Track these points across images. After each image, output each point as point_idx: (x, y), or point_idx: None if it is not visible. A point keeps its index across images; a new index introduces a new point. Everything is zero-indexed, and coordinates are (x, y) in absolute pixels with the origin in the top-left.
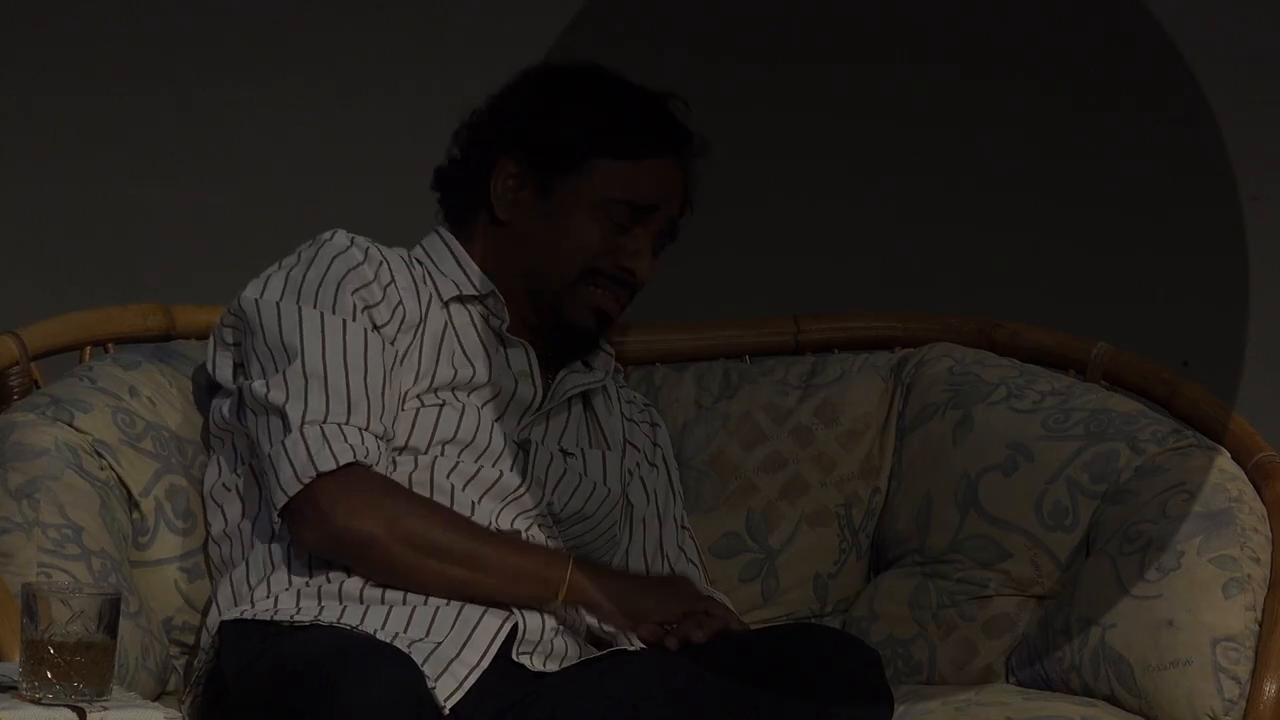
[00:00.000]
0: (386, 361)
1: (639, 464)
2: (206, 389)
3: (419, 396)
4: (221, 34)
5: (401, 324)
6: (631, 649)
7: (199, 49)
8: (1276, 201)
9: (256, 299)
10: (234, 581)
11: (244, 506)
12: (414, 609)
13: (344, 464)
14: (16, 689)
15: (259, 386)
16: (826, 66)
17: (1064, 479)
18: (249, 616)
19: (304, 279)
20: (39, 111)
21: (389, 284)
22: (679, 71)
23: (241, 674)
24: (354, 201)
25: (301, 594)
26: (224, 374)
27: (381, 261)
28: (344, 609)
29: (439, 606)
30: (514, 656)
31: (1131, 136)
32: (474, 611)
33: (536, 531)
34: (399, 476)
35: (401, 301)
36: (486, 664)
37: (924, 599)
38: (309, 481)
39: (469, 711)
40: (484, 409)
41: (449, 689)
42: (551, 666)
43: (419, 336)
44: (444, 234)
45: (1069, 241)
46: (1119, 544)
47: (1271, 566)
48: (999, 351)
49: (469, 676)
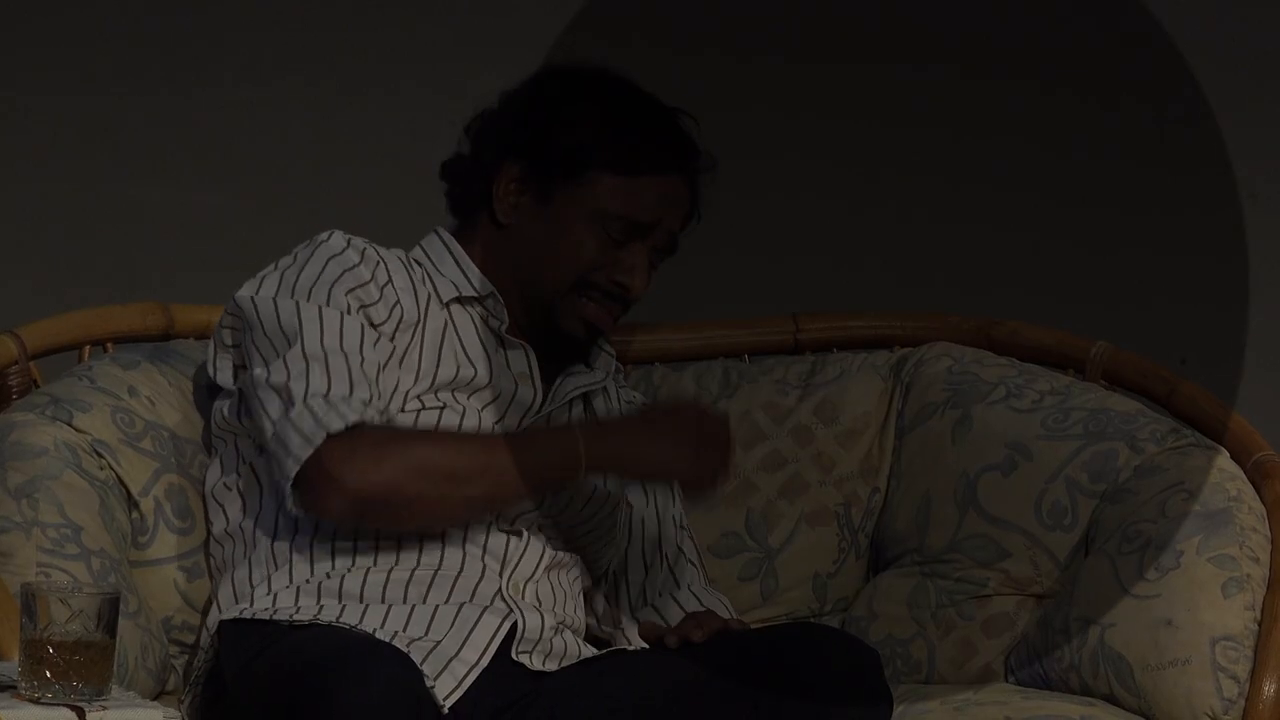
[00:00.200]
0: (382, 355)
1: None
2: (206, 389)
3: (419, 397)
4: (221, 34)
5: (400, 323)
6: (631, 648)
7: (199, 49)
8: (1275, 201)
9: (253, 296)
10: (235, 581)
11: (245, 506)
12: (413, 607)
13: (351, 423)
14: (15, 688)
15: (260, 373)
16: (826, 66)
17: (1063, 478)
18: (248, 616)
19: (298, 279)
20: (38, 111)
21: (386, 284)
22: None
23: (240, 673)
24: (354, 201)
25: (301, 591)
26: (224, 376)
27: (378, 262)
28: (343, 607)
29: (438, 604)
30: (513, 655)
31: (1131, 136)
32: (473, 610)
33: (536, 533)
34: None
35: (399, 301)
36: (486, 662)
37: (923, 598)
38: (319, 444)
39: (468, 710)
40: (484, 411)
41: (448, 688)
42: (551, 666)
43: (418, 336)
44: (443, 235)
45: (1068, 241)
46: (1118, 543)
47: (1270, 566)
48: (998, 351)
49: (468, 675)
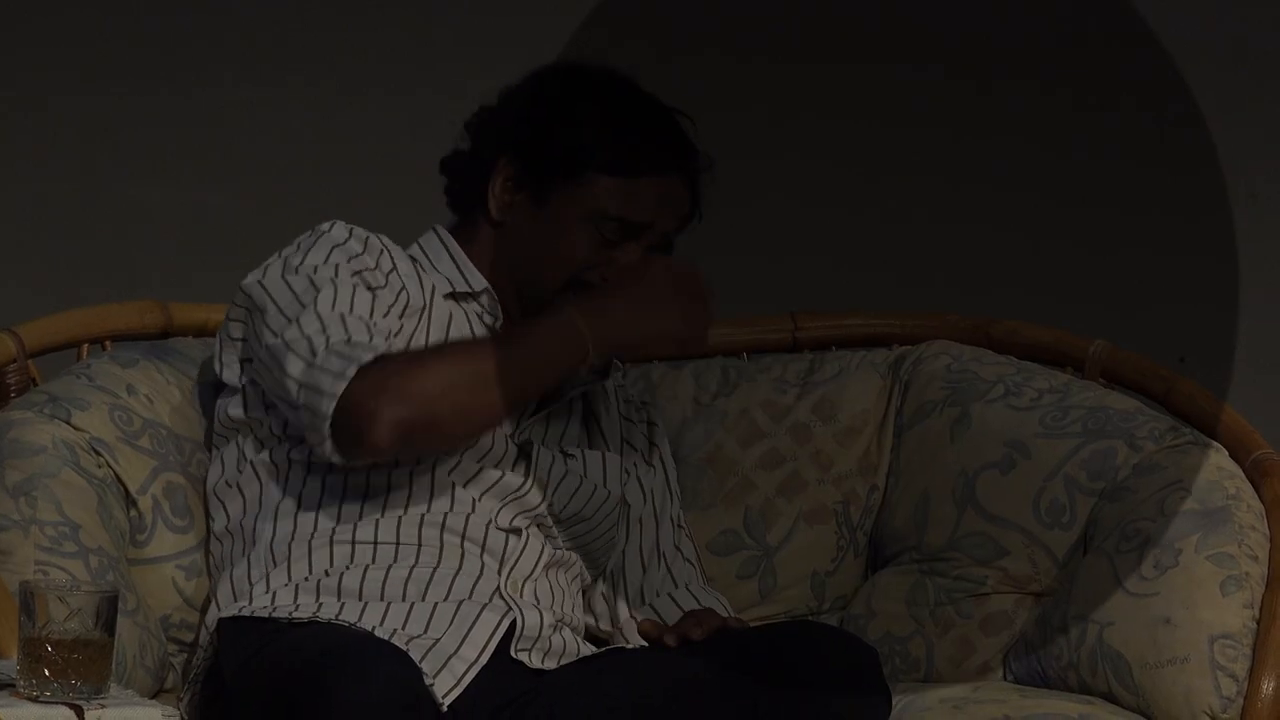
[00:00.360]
0: (392, 326)
1: (636, 464)
2: (204, 386)
3: None
4: (221, 34)
5: (406, 308)
6: (629, 647)
7: (199, 49)
8: (1274, 201)
9: (260, 280)
10: (234, 579)
11: (245, 504)
12: (412, 605)
13: (379, 353)
14: (14, 686)
15: (275, 341)
16: (826, 66)
17: (1062, 476)
18: (247, 613)
19: (303, 261)
20: (38, 110)
21: (391, 270)
22: (678, 71)
23: (239, 671)
24: (354, 201)
25: (300, 589)
26: (230, 372)
27: (382, 250)
28: (342, 605)
29: (437, 602)
30: (512, 653)
31: (1131, 137)
32: (472, 607)
33: (536, 531)
34: (401, 474)
35: (405, 288)
36: (485, 660)
37: (921, 596)
38: (352, 377)
39: (467, 708)
40: None
41: (447, 685)
42: (550, 664)
43: (424, 323)
44: (441, 232)
45: (1067, 240)
46: (1116, 541)
47: (1269, 564)
48: (996, 349)
49: (467, 673)
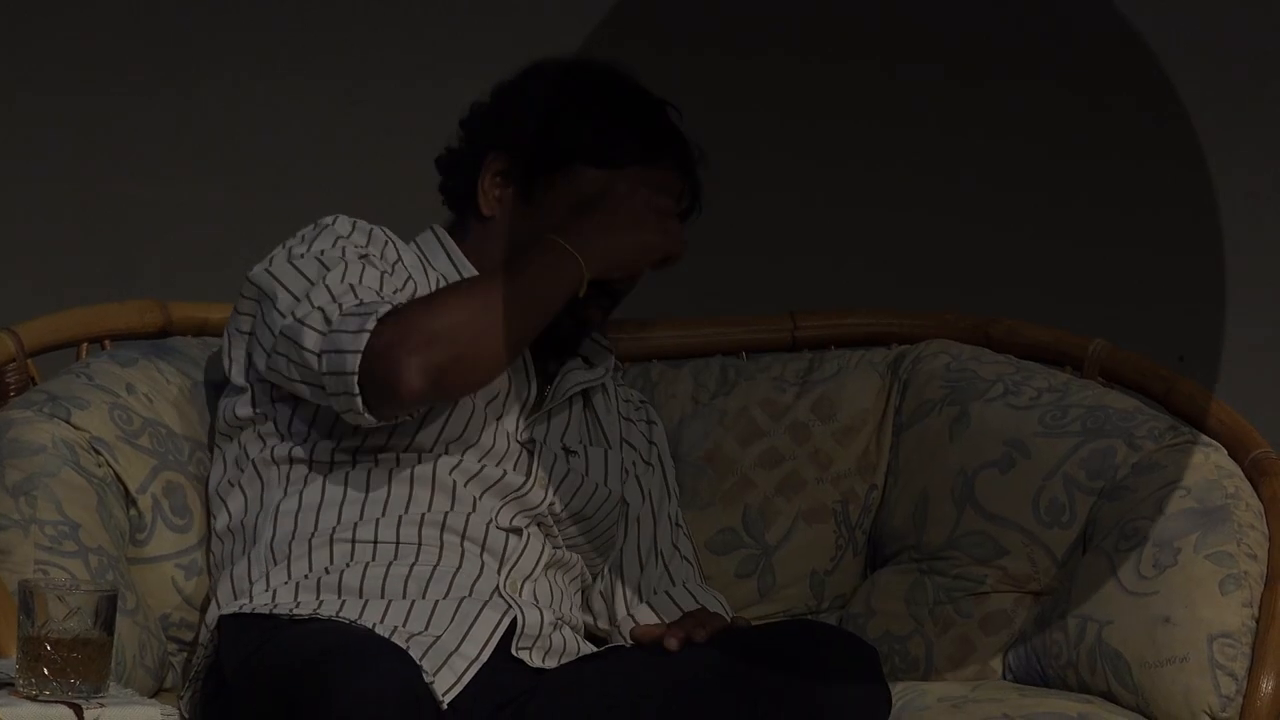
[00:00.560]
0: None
1: (634, 463)
2: (204, 385)
3: None
4: (221, 33)
5: (414, 296)
6: (630, 646)
7: (199, 48)
8: (1272, 200)
9: (267, 268)
10: (234, 578)
11: (247, 503)
12: (413, 602)
13: (394, 306)
14: (13, 685)
15: (288, 322)
16: (826, 66)
17: (1061, 475)
18: (247, 610)
19: (308, 250)
20: (37, 109)
21: (396, 261)
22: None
23: (240, 668)
24: (354, 201)
25: (301, 587)
26: (239, 369)
27: (386, 241)
28: (343, 602)
29: (438, 600)
30: (513, 652)
31: (1130, 136)
32: (473, 605)
33: (536, 531)
34: (402, 473)
35: (411, 277)
36: (485, 658)
37: (920, 595)
38: (372, 329)
39: (467, 706)
40: (488, 408)
41: (447, 683)
42: (550, 663)
43: None
44: (438, 230)
45: (1066, 239)
46: (1116, 540)
47: (1268, 563)
48: (995, 348)
49: (468, 670)
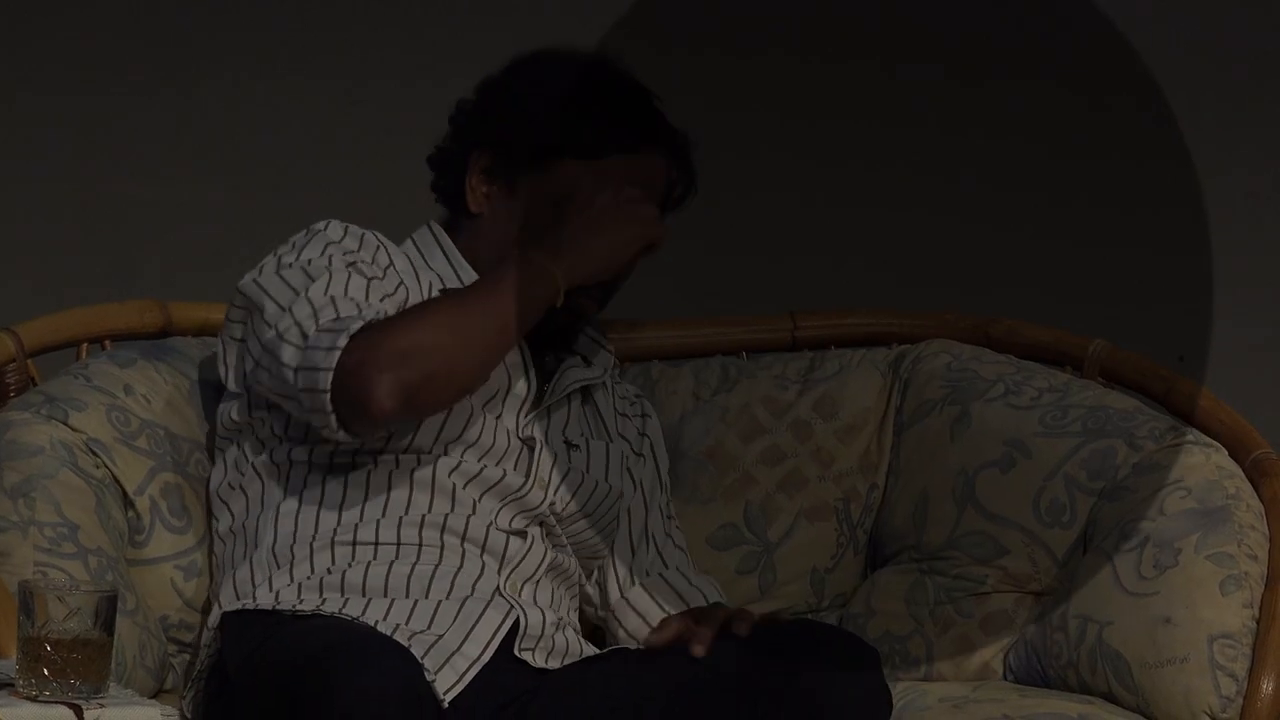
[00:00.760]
0: (388, 309)
1: (625, 454)
2: (203, 386)
3: None
4: (221, 33)
5: (406, 302)
6: (633, 647)
7: (199, 48)
8: (1272, 200)
9: (256, 279)
10: (236, 580)
11: (248, 505)
12: (416, 602)
13: (367, 321)
14: (13, 686)
15: (271, 336)
16: (826, 66)
17: (1061, 476)
18: (250, 607)
19: (297, 259)
20: (37, 109)
21: (388, 266)
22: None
23: (242, 665)
24: (354, 201)
25: (303, 588)
26: (234, 376)
27: (378, 246)
28: (346, 600)
29: (440, 599)
30: (515, 652)
31: (1130, 136)
32: (476, 605)
33: (538, 532)
34: (402, 475)
35: (403, 283)
36: (488, 658)
37: (921, 595)
38: (344, 346)
39: (469, 705)
40: (486, 407)
41: (449, 682)
42: (553, 664)
43: None
44: (435, 228)
45: (1066, 239)
46: (1116, 541)
47: (1269, 564)
48: (996, 348)
49: (469, 670)
